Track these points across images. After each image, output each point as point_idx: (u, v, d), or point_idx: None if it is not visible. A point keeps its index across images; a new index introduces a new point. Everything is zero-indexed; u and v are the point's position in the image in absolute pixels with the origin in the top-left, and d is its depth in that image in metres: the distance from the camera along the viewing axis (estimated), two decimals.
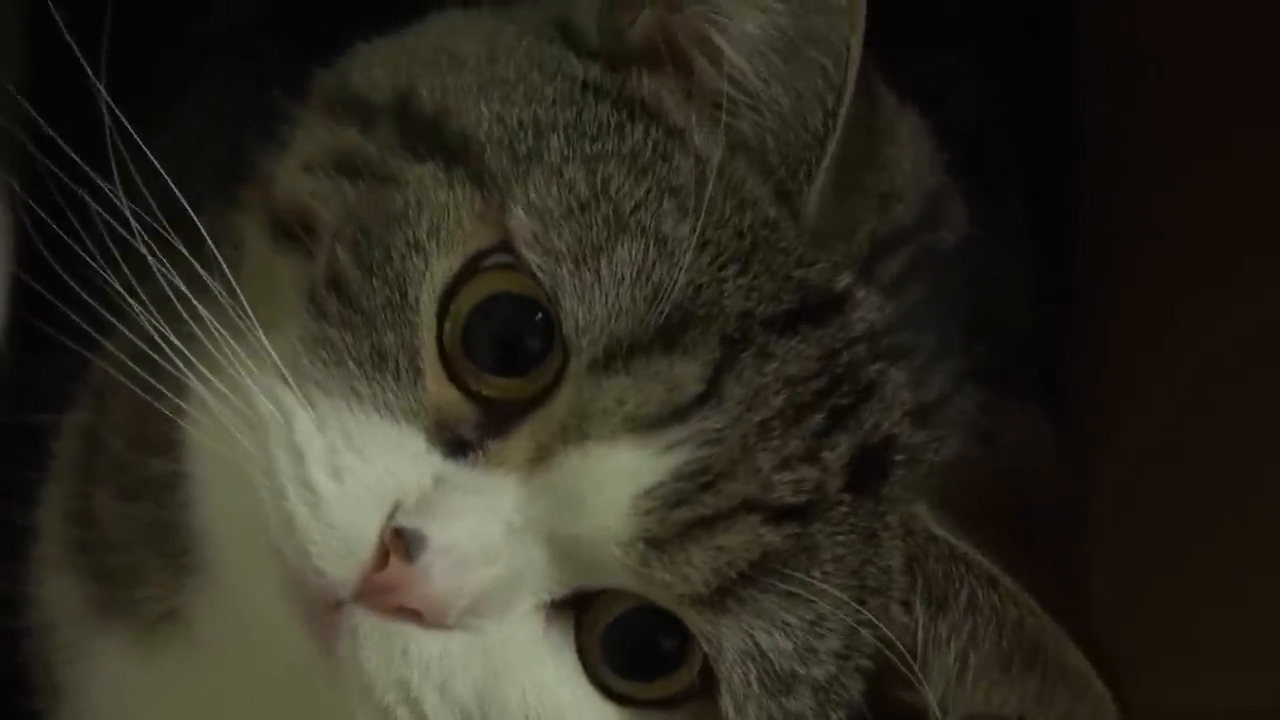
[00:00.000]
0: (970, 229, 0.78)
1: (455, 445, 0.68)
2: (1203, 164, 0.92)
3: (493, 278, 0.68)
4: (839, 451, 0.67)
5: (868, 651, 0.68)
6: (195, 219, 0.69)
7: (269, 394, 0.68)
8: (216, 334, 0.68)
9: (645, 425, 0.65)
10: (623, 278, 0.66)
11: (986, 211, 0.80)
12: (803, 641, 0.67)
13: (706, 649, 0.67)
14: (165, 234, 0.69)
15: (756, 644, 0.66)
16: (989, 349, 0.74)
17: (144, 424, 0.76)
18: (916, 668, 0.68)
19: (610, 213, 0.67)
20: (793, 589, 0.66)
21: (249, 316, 0.68)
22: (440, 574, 0.65)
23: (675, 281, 0.66)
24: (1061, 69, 0.98)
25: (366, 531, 0.66)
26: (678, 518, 0.66)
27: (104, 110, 0.70)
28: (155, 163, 0.69)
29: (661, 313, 0.66)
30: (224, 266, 0.69)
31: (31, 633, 0.85)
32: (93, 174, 0.71)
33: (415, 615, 0.66)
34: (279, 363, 0.68)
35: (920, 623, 0.69)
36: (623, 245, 0.66)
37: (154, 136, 0.71)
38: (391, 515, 0.66)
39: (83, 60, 0.71)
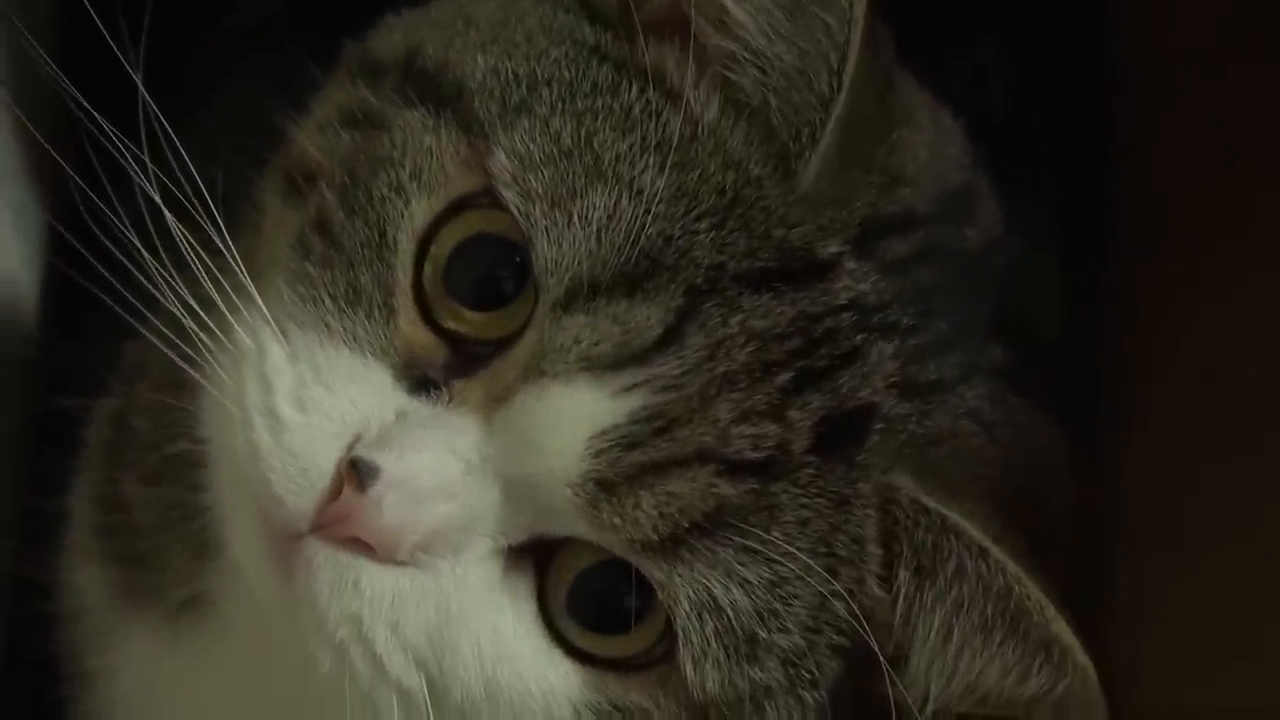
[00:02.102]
0: (1004, 233, 0.78)
1: (421, 383, 0.69)
2: (1234, 162, 0.91)
3: (477, 217, 0.69)
4: (807, 411, 0.68)
5: (842, 627, 0.68)
6: (207, 195, 0.70)
7: (249, 330, 0.69)
8: (217, 282, 0.69)
9: (601, 366, 0.66)
10: (592, 222, 0.67)
11: (1021, 209, 0.80)
12: (764, 602, 0.67)
13: (662, 596, 0.67)
14: (191, 208, 0.70)
15: (712, 596, 0.66)
16: (1010, 353, 0.74)
17: (169, 406, 0.77)
18: (899, 638, 0.68)
19: (590, 162, 0.68)
20: (751, 544, 0.66)
21: (236, 259, 0.69)
22: (391, 506, 0.66)
23: (644, 229, 0.66)
24: (1093, 63, 0.98)
25: (325, 461, 0.67)
26: (630, 460, 0.66)
27: (139, 101, 0.71)
28: (183, 154, 0.70)
29: (627, 258, 0.67)
30: (219, 221, 0.70)
31: (62, 619, 0.86)
32: (123, 157, 0.71)
33: (367, 548, 0.66)
34: (259, 299, 0.69)
35: (903, 592, 0.69)
36: (597, 191, 0.67)
37: (183, 133, 0.72)
38: (351, 447, 0.67)
39: (116, 49, 0.72)
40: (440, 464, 0.67)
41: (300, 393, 0.68)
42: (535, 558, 0.69)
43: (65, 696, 0.86)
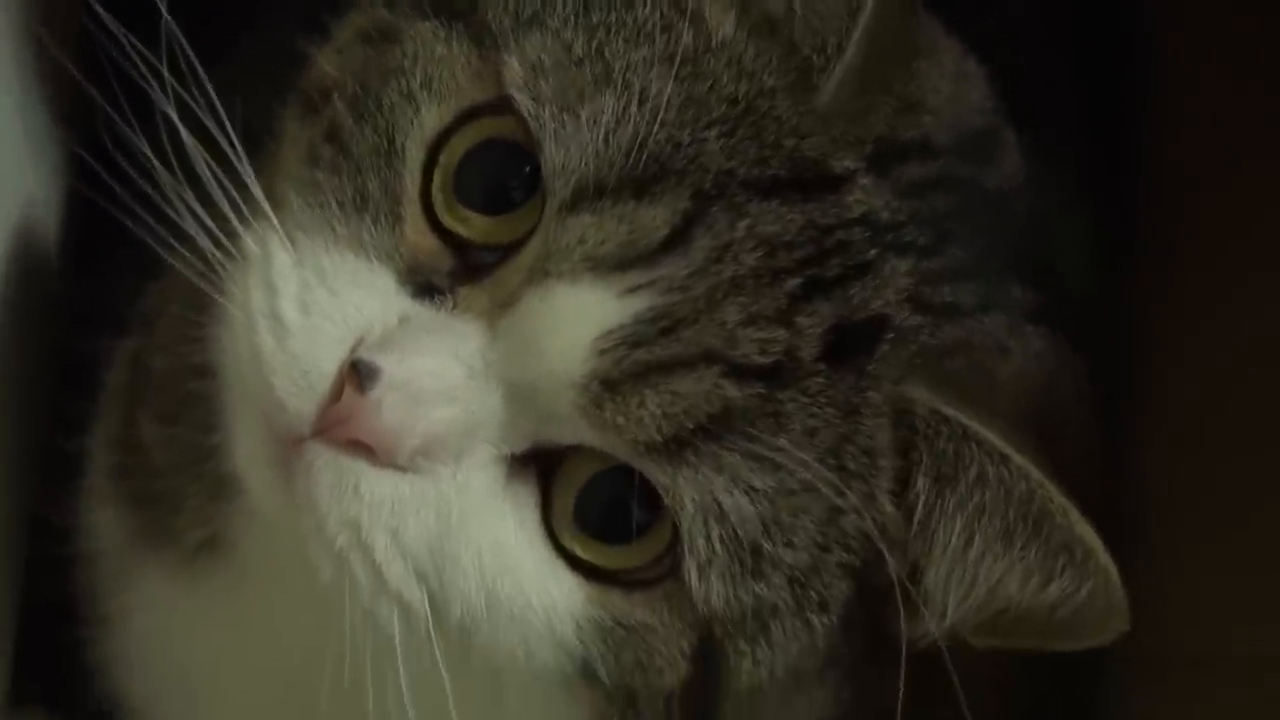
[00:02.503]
0: (1025, 181, 0.77)
1: (425, 289, 0.68)
2: (1264, 142, 0.91)
3: (487, 124, 0.69)
4: (816, 318, 0.67)
5: (851, 545, 0.68)
6: (226, 121, 0.70)
7: (258, 239, 0.69)
8: (229, 195, 0.69)
9: (607, 266, 0.66)
10: (600, 126, 0.67)
11: (1048, 164, 0.79)
12: (770, 512, 0.66)
13: (667, 501, 0.66)
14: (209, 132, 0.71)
15: (717, 502, 0.66)
16: (1032, 293, 0.74)
17: (186, 345, 0.77)
18: (913, 554, 0.68)
19: (601, 70, 0.68)
20: (757, 450, 0.65)
21: (250, 175, 0.69)
22: (391, 408, 0.65)
23: (651, 135, 0.66)
24: (1130, 28, 0.98)
25: (327, 364, 0.67)
26: (634, 358, 0.65)
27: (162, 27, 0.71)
28: (205, 82, 0.71)
29: (635, 162, 0.66)
30: (235, 141, 0.70)
31: (79, 561, 0.87)
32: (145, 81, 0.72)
33: (367, 451, 0.66)
34: (268, 208, 0.69)
35: (922, 500, 0.68)
36: (606, 97, 0.67)
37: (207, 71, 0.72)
38: (354, 350, 0.67)
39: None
40: (442, 367, 0.66)
41: (304, 296, 0.68)
42: (539, 468, 0.68)
43: (83, 639, 0.86)
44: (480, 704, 0.69)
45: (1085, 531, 0.66)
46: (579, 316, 0.66)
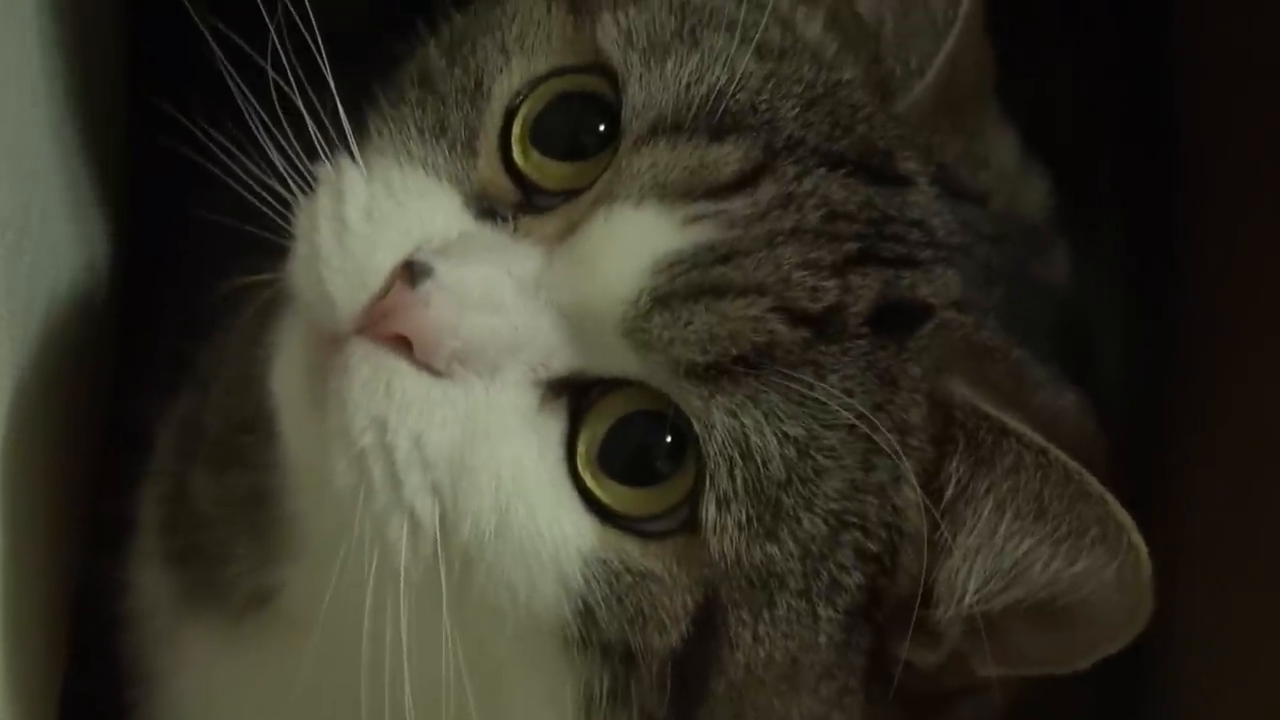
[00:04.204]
0: (1071, 286, 0.79)
1: (489, 213, 0.70)
2: None
3: (572, 79, 0.72)
4: (869, 281, 0.68)
5: (869, 528, 0.68)
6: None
7: (334, 163, 0.70)
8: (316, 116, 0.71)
9: (673, 193, 0.67)
10: (683, 75, 0.69)
11: (1085, 233, 0.82)
12: (795, 463, 0.66)
13: (698, 429, 0.66)
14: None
15: (746, 439, 0.66)
16: (1064, 367, 0.74)
17: (241, 401, 0.78)
18: (942, 526, 0.67)
19: (691, 41, 0.70)
20: (795, 394, 0.66)
21: (336, 96, 0.70)
22: (439, 304, 0.66)
23: (730, 92, 0.69)
24: (1157, 84, 0.98)
25: (383, 263, 0.67)
26: (689, 278, 0.66)
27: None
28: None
29: (712, 110, 0.68)
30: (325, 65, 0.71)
31: (126, 622, 0.87)
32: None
33: (406, 348, 0.66)
34: (349, 129, 0.70)
35: (954, 479, 0.68)
36: (693, 57, 0.70)
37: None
38: (411, 256, 0.67)
39: None
40: (494, 279, 0.67)
41: (371, 205, 0.69)
42: (571, 401, 0.68)
43: (132, 700, 0.86)
44: (472, 651, 0.68)
45: (1119, 512, 0.66)
46: (639, 238, 0.67)
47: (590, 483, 0.68)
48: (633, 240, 0.67)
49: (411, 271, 0.66)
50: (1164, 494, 0.84)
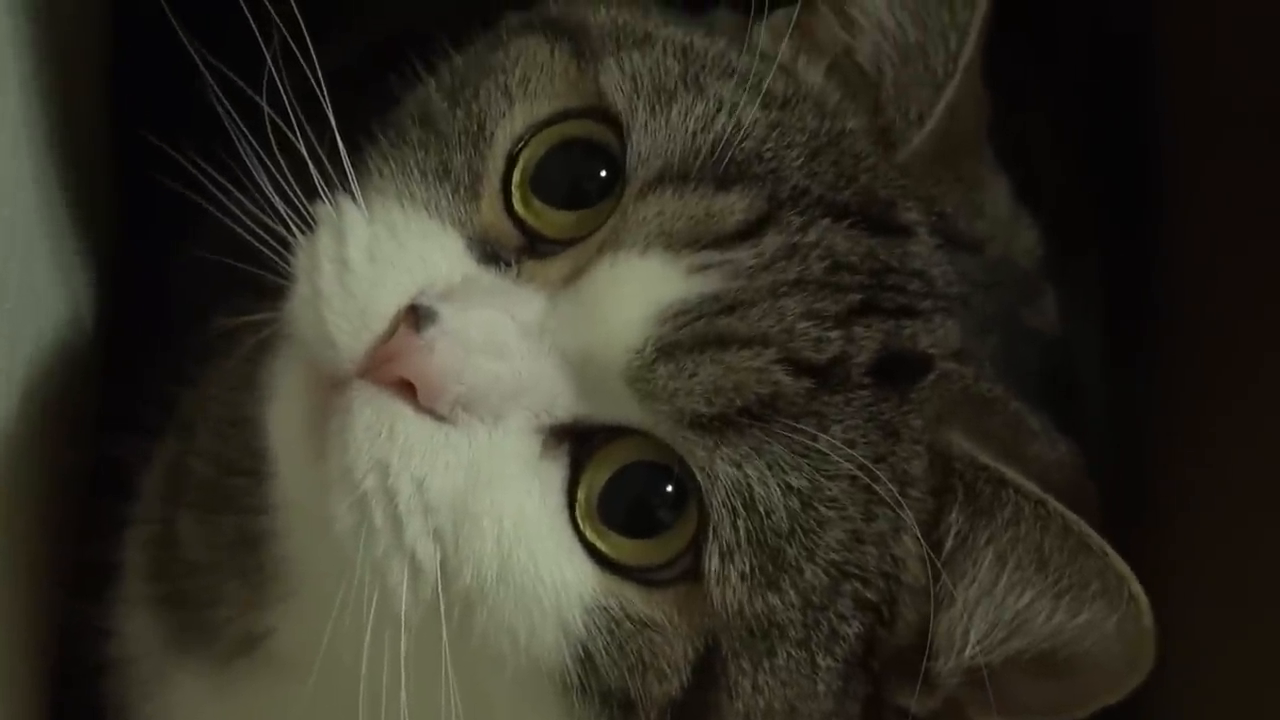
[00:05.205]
0: (1058, 332, 0.80)
1: (492, 257, 0.70)
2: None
3: (575, 125, 0.72)
4: (872, 333, 0.69)
5: (869, 578, 0.68)
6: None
7: (334, 202, 0.70)
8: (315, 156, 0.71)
9: (678, 241, 0.67)
10: (689, 125, 0.70)
11: (1066, 274, 0.82)
12: (798, 514, 0.66)
13: (700, 479, 0.66)
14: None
15: (750, 489, 0.66)
16: (1052, 412, 0.74)
17: (228, 445, 0.78)
18: (943, 577, 0.68)
19: (696, 88, 0.71)
20: (798, 446, 0.66)
21: (338, 137, 0.71)
22: (444, 350, 0.66)
23: (735, 142, 0.69)
24: (1136, 127, 0.99)
25: (385, 306, 0.67)
26: (694, 329, 0.66)
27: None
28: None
29: (718, 159, 0.69)
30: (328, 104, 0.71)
31: (111, 669, 0.86)
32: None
33: (409, 392, 0.66)
34: (350, 170, 0.70)
35: (954, 531, 0.68)
36: (698, 103, 0.70)
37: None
38: (414, 299, 0.67)
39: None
40: (498, 324, 0.67)
41: (373, 246, 0.69)
42: (573, 449, 0.68)
43: None
44: (470, 696, 0.67)
45: (1120, 564, 0.66)
46: (645, 286, 0.67)
47: (591, 535, 0.68)
48: (638, 288, 0.67)
49: (416, 316, 0.66)
50: (1149, 532, 0.84)
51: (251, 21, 0.73)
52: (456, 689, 0.66)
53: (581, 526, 0.68)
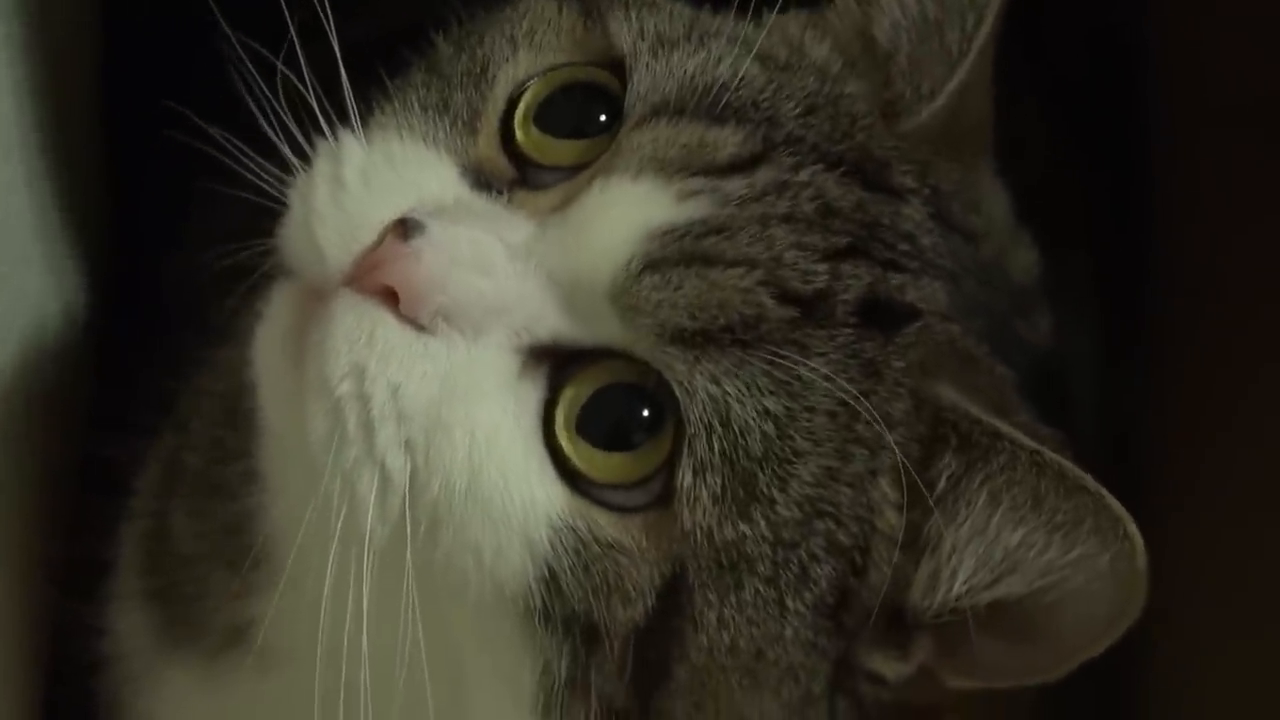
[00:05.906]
0: (1051, 349, 0.80)
1: (485, 186, 0.71)
2: (1275, 223, 0.91)
3: (574, 70, 0.73)
4: (860, 271, 0.69)
5: (842, 519, 0.68)
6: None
7: (334, 137, 0.71)
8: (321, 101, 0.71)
9: (670, 168, 0.68)
10: (689, 66, 0.71)
11: (1057, 273, 0.82)
12: (774, 440, 0.66)
13: (679, 394, 0.66)
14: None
15: (728, 409, 0.66)
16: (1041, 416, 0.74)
17: (222, 437, 0.78)
18: (935, 515, 0.67)
19: (697, 40, 0.72)
20: (779, 369, 0.66)
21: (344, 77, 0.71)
22: (429, 259, 0.66)
23: (733, 88, 0.70)
24: (1130, 125, 0.98)
25: (376, 220, 0.68)
26: (682, 245, 0.67)
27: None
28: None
29: (715, 100, 0.70)
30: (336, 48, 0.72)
31: (102, 666, 0.87)
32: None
33: (392, 301, 0.66)
34: (353, 108, 0.71)
35: (947, 473, 0.68)
36: (699, 52, 0.71)
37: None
38: (404, 213, 0.68)
39: None
40: (486, 242, 0.67)
41: (368, 169, 0.70)
42: (551, 373, 0.69)
43: None
44: (433, 627, 0.67)
45: (1117, 506, 0.66)
46: (634, 208, 0.67)
47: (566, 445, 0.68)
48: (627, 210, 0.67)
49: (405, 227, 0.67)
50: (1146, 532, 0.83)
51: None
52: (420, 618, 0.66)
53: (558, 438, 0.68)
